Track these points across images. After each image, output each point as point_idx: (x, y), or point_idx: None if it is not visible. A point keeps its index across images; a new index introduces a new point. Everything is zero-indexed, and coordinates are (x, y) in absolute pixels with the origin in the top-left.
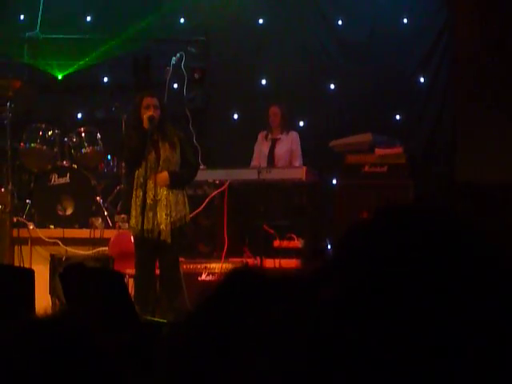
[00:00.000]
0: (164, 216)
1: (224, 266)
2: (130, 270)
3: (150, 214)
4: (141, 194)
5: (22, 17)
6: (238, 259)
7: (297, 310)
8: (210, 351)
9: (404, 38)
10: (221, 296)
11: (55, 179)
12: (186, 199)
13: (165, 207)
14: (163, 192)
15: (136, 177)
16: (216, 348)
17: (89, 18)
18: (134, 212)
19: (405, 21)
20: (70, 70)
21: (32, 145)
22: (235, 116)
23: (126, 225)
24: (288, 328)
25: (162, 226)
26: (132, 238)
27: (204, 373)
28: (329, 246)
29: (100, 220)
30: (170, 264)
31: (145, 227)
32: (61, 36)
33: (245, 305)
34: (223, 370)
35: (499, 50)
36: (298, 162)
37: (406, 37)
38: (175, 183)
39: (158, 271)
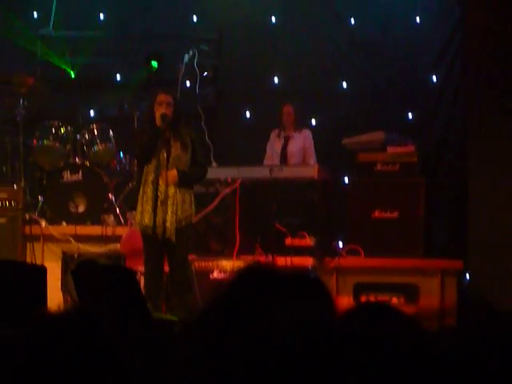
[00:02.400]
0: (170, 214)
1: (235, 263)
2: (142, 268)
3: (158, 211)
4: (148, 190)
5: (35, 14)
6: (250, 257)
7: None
8: (221, 351)
9: (416, 36)
10: (232, 295)
11: (67, 176)
12: (193, 199)
13: (171, 205)
14: (171, 190)
15: (144, 173)
16: (227, 348)
17: (102, 16)
18: (140, 208)
19: (417, 19)
20: (83, 68)
21: (45, 142)
22: (247, 114)
23: None
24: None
25: (167, 224)
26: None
27: (215, 372)
28: (340, 244)
29: (112, 217)
30: (178, 262)
31: (151, 224)
32: (74, 33)
33: (257, 303)
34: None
35: None
36: (312, 160)
37: (419, 35)
38: (184, 182)
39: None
